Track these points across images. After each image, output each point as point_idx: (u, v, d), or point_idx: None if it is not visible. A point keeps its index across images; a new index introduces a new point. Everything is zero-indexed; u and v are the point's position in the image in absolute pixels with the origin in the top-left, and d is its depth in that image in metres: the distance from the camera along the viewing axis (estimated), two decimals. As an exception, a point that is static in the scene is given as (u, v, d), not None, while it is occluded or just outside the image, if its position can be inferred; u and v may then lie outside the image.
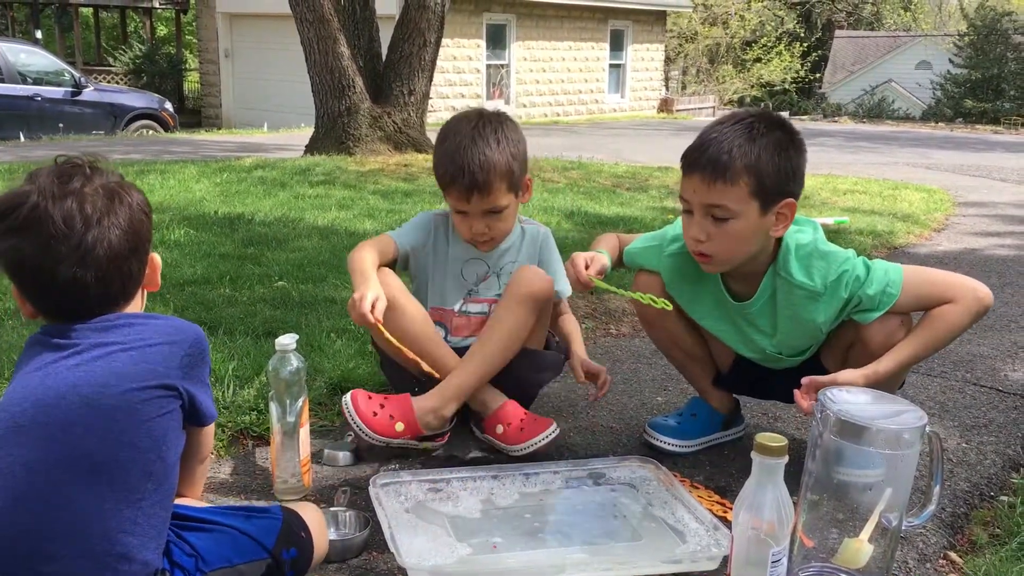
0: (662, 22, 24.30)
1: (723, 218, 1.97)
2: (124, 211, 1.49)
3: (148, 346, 1.47)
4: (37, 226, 1.42)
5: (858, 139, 16.25)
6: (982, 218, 6.97)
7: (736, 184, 1.94)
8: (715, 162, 1.94)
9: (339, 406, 2.37)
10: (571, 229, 5.64)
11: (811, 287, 2.04)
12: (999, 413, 2.76)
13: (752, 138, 1.95)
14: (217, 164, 8.35)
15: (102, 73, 22.49)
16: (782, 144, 1.98)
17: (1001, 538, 2.00)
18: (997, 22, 25.88)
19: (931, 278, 2.04)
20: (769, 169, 1.95)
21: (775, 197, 1.98)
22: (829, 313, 2.06)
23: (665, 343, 2.41)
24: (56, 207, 1.43)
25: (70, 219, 1.43)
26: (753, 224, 1.98)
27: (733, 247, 2.01)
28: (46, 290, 1.47)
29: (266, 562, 1.57)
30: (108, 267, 1.47)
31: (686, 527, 1.92)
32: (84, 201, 1.45)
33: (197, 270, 4.03)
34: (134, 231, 1.51)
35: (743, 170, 1.94)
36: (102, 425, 1.38)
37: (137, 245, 1.52)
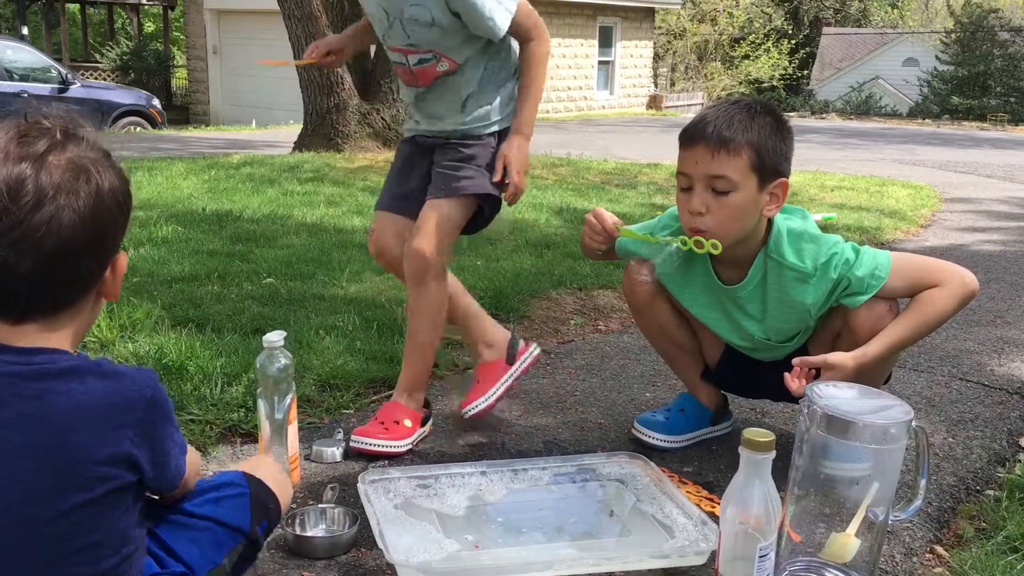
0: (651, 19, 24.31)
1: (723, 191, 2.02)
2: (89, 193, 1.19)
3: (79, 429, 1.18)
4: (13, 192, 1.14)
5: (846, 136, 16.29)
6: (968, 214, 7.01)
7: (738, 156, 2.00)
8: (719, 134, 2.01)
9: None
10: (560, 226, 5.64)
11: (802, 268, 2.08)
12: (985, 408, 2.77)
13: (751, 116, 2.04)
14: (205, 161, 8.32)
15: (89, 70, 22.37)
16: (776, 126, 2.06)
17: (987, 532, 2.02)
18: (983, 19, 25.96)
19: (919, 263, 2.08)
20: (768, 145, 2.03)
21: (772, 174, 2.04)
22: (818, 295, 2.08)
23: (655, 333, 2.41)
24: (5, 168, 1.15)
25: (17, 188, 1.14)
26: (751, 199, 2.03)
27: (730, 221, 2.04)
28: None
29: (244, 544, 1.52)
30: (52, 258, 1.17)
31: (674, 522, 1.92)
32: (41, 170, 1.16)
33: (185, 267, 4.02)
34: (96, 221, 1.20)
35: (745, 143, 2.00)
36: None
37: (97, 239, 1.22)
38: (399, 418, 2.34)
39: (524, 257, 4.54)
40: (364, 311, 3.40)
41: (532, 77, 2.35)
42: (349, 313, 3.35)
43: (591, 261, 4.49)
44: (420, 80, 2.39)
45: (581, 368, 3.08)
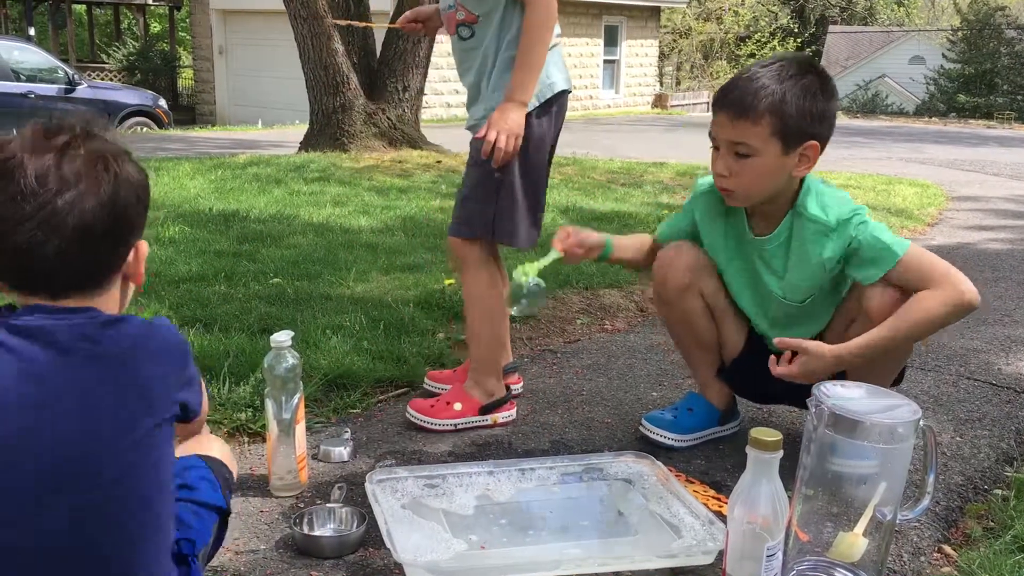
0: (656, 18, 24.29)
1: (745, 155, 2.06)
2: (109, 182, 1.28)
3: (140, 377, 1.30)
4: (7, 178, 1.24)
5: (852, 134, 16.25)
6: (975, 212, 6.99)
7: (759, 123, 2.03)
8: (739, 101, 2.04)
9: (336, 406, 2.38)
10: (566, 224, 5.64)
11: (824, 221, 2.10)
12: (993, 407, 2.77)
13: (780, 80, 2.04)
14: (212, 161, 8.34)
15: (96, 70, 22.43)
16: (810, 88, 2.05)
17: (995, 531, 2.01)
18: (990, 17, 25.89)
19: (929, 258, 2.05)
20: (792, 111, 2.02)
21: (798, 138, 2.05)
22: (836, 250, 2.09)
23: (679, 325, 2.39)
24: (31, 160, 1.25)
25: (43, 176, 1.24)
26: (774, 162, 2.06)
27: (754, 183, 2.09)
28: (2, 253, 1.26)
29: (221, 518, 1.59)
30: (75, 240, 1.26)
31: (682, 522, 1.92)
32: (64, 160, 1.26)
33: (192, 267, 4.03)
34: (118, 208, 1.29)
35: (766, 110, 2.02)
36: None
37: (117, 223, 1.30)
38: (451, 400, 2.50)
39: (529, 255, 4.53)
40: (371, 311, 3.41)
41: (524, 44, 2.36)
42: (356, 313, 3.35)
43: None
44: (449, 27, 2.51)
45: (588, 367, 3.08)
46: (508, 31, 2.41)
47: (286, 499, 2.06)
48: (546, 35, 2.38)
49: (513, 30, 2.40)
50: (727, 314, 2.33)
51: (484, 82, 2.47)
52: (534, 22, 2.35)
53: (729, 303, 2.32)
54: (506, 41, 2.41)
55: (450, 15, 2.48)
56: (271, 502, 2.04)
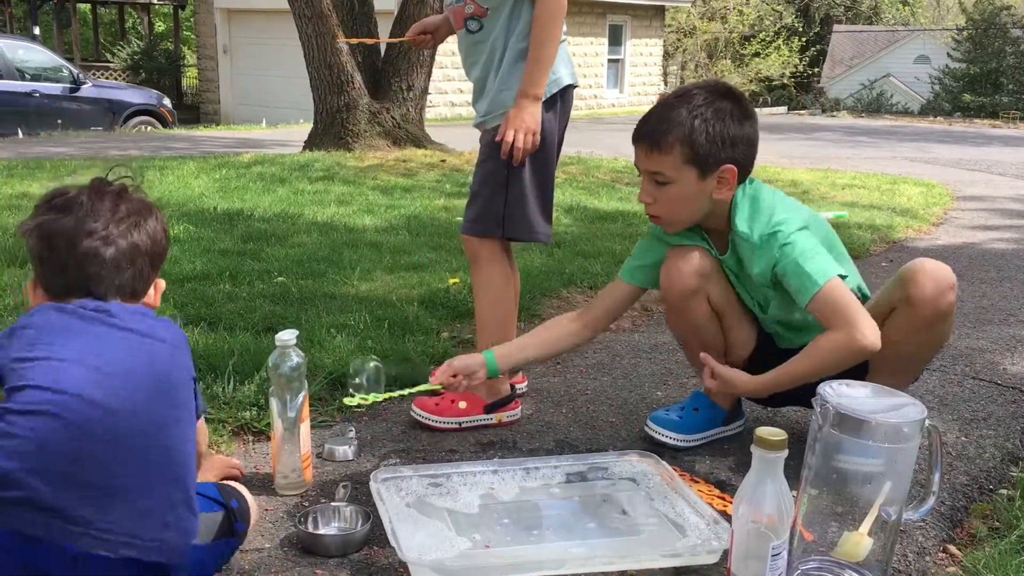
0: (660, 17, 24.26)
1: (663, 183, 2.14)
2: (151, 223, 1.72)
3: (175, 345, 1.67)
4: (75, 208, 1.64)
5: (857, 134, 16.23)
6: (981, 212, 6.98)
7: (670, 153, 2.11)
8: (651, 134, 2.13)
9: (340, 402, 2.38)
10: (570, 224, 5.64)
11: (747, 237, 2.14)
12: (998, 407, 2.76)
13: (690, 109, 2.10)
14: (216, 160, 8.35)
15: (100, 69, 22.46)
16: (721, 114, 2.10)
17: (1000, 531, 2.01)
18: (995, 16, 25.82)
19: (841, 298, 2.03)
20: (701, 139, 2.08)
21: (712, 163, 2.10)
22: (764, 266, 2.13)
23: (687, 331, 2.39)
24: (95, 199, 1.67)
25: (104, 210, 1.65)
26: (692, 188, 2.13)
27: (675, 209, 2.18)
28: (66, 260, 1.63)
29: (221, 513, 1.72)
30: (125, 254, 1.65)
31: (686, 521, 1.92)
32: (119, 202, 1.69)
33: (197, 266, 4.03)
34: (154, 241, 1.71)
35: (676, 140, 2.09)
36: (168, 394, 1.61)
37: (153, 252, 1.72)
38: (456, 398, 2.48)
39: (534, 255, 4.54)
40: (375, 310, 3.41)
41: (535, 39, 2.39)
42: (360, 312, 3.35)
43: (602, 259, 4.49)
44: (456, 21, 2.51)
45: (592, 367, 3.08)
46: (517, 24, 2.42)
47: (291, 498, 2.06)
48: (557, 29, 2.39)
49: (522, 23, 2.42)
50: (736, 315, 2.33)
51: (491, 76, 2.48)
52: (545, 16, 2.37)
53: (738, 303, 2.32)
54: (515, 34, 2.43)
55: (458, 9, 2.49)
56: (276, 500, 2.04)
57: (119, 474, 1.48)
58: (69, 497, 1.43)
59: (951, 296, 2.10)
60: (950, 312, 2.12)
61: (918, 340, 2.14)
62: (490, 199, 2.47)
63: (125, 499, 1.47)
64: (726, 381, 2.19)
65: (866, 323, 2.00)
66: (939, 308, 2.08)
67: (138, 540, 1.47)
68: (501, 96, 2.45)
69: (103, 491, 1.46)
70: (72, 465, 1.44)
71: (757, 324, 2.35)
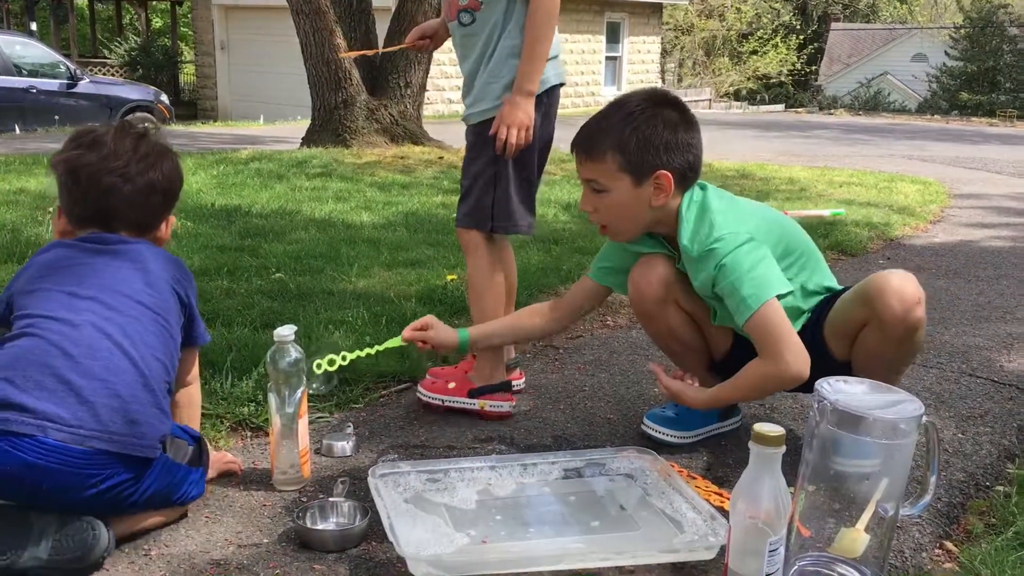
0: (658, 14, 24.26)
1: (599, 191, 2.16)
2: (168, 163, 1.93)
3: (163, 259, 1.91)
4: (100, 146, 1.85)
5: (854, 132, 16.25)
6: (977, 210, 6.99)
7: (603, 160, 2.12)
8: (584, 142, 2.16)
9: (337, 397, 2.39)
10: (568, 221, 5.64)
11: (687, 248, 2.14)
12: (995, 404, 2.77)
13: (624, 116, 2.11)
14: (213, 156, 8.34)
15: (97, 65, 22.41)
16: (655, 120, 2.10)
17: (997, 528, 2.01)
18: (993, 14, 25.87)
19: (772, 325, 2.03)
20: (632, 146, 2.09)
21: (645, 169, 2.11)
22: (703, 281, 2.14)
23: (664, 337, 2.41)
24: (118, 139, 1.87)
25: (125, 150, 1.86)
26: (628, 196, 2.13)
27: (615, 217, 2.20)
28: (87, 192, 1.85)
29: (193, 447, 1.92)
30: (141, 190, 1.87)
31: (683, 517, 1.93)
32: (140, 143, 1.89)
33: (195, 262, 4.03)
34: (169, 180, 1.92)
35: (608, 148, 2.11)
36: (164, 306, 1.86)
37: (168, 190, 1.93)
38: (449, 379, 2.60)
39: (532, 252, 4.54)
40: (373, 306, 3.41)
41: (529, 35, 2.41)
42: (358, 308, 3.36)
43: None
44: (450, 12, 2.54)
45: (590, 363, 3.09)
46: (510, 19, 2.44)
47: (289, 493, 2.06)
48: (551, 26, 2.41)
49: (514, 20, 2.43)
50: (707, 316, 2.34)
51: (480, 70, 2.50)
52: (540, 14, 2.39)
53: (706, 305, 2.32)
54: (507, 30, 2.45)
55: (452, 1, 2.52)
56: (274, 496, 2.04)
57: (87, 376, 1.66)
58: (40, 397, 1.62)
59: (919, 311, 2.06)
60: (920, 326, 2.09)
61: (893, 353, 2.13)
62: (481, 194, 2.52)
63: (94, 399, 1.65)
64: (673, 393, 2.23)
65: (791, 353, 2.01)
66: (909, 325, 2.05)
67: (104, 434, 1.64)
68: (486, 90, 2.49)
69: (72, 392, 1.64)
70: (41, 372, 1.64)
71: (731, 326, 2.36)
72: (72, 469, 1.62)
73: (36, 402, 1.62)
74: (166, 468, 1.79)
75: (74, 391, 1.65)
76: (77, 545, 1.65)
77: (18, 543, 1.62)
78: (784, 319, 2.04)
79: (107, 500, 1.69)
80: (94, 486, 1.65)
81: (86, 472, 1.64)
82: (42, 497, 1.64)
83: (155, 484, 1.76)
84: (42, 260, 1.85)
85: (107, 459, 1.65)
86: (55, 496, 1.64)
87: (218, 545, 1.82)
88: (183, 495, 1.86)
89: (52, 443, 1.60)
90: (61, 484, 1.62)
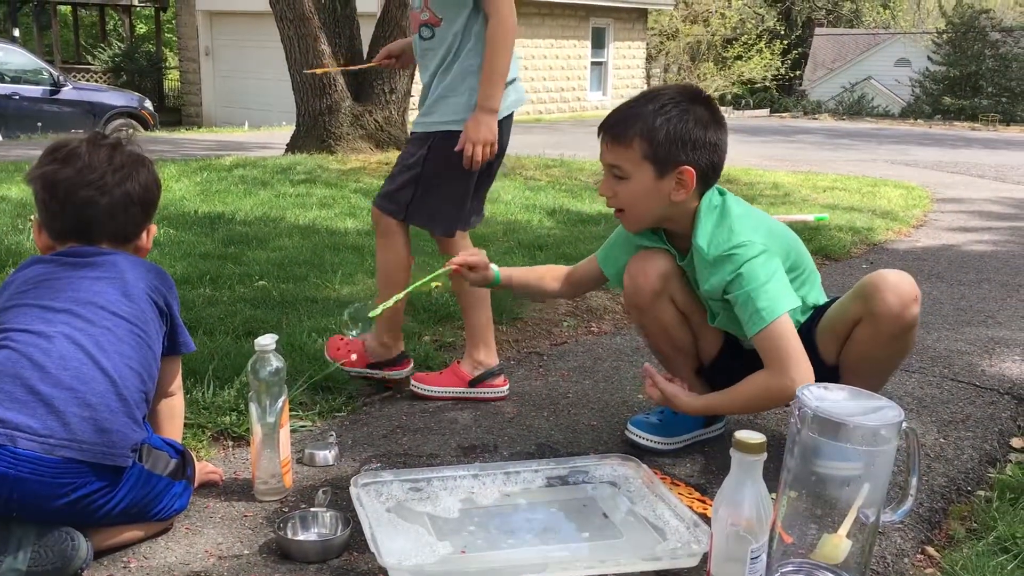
0: (643, 20, 24.34)
1: (621, 177, 2.16)
2: (144, 173, 1.93)
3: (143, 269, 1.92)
4: (75, 159, 1.86)
5: (838, 136, 16.33)
6: (960, 214, 7.03)
7: (630, 147, 2.12)
8: (614, 127, 2.16)
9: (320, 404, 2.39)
10: (553, 227, 5.65)
11: (703, 251, 2.14)
12: (976, 408, 2.78)
13: (656, 108, 2.11)
14: (197, 163, 8.31)
15: (81, 71, 22.31)
16: (687, 116, 2.10)
17: (978, 532, 2.02)
18: (975, 20, 26.04)
19: (783, 339, 2.03)
20: (661, 137, 2.09)
21: (669, 163, 2.11)
22: (714, 285, 2.14)
23: (654, 335, 2.40)
24: (92, 151, 1.88)
25: (100, 162, 1.87)
26: (648, 185, 2.13)
27: (632, 204, 2.19)
28: (64, 207, 1.87)
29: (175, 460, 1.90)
30: (119, 201, 1.88)
31: (666, 524, 1.93)
32: (115, 153, 1.90)
33: (177, 269, 4.01)
34: (146, 189, 1.93)
35: (636, 135, 2.11)
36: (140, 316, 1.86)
37: (145, 200, 1.94)
38: (354, 349, 2.77)
39: (517, 258, 4.54)
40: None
41: (488, 55, 2.52)
42: (342, 315, 3.34)
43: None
44: (413, 26, 2.64)
45: (574, 370, 3.08)
46: (468, 41, 2.56)
47: (270, 503, 2.05)
48: (508, 47, 2.52)
49: (471, 41, 2.55)
50: (700, 317, 2.34)
51: (435, 83, 2.61)
52: (498, 34, 2.51)
53: (702, 307, 2.33)
54: (466, 48, 2.56)
55: (415, 14, 2.62)
56: (255, 506, 2.03)
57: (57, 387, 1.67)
58: (10, 408, 1.63)
59: (915, 309, 2.08)
60: (915, 325, 2.11)
61: (884, 352, 2.15)
62: (400, 189, 2.65)
63: (64, 409, 1.66)
64: (667, 396, 2.20)
65: (800, 370, 2.01)
66: (904, 322, 2.08)
67: (74, 443, 1.65)
68: (439, 104, 2.59)
69: (42, 403, 1.65)
70: (11, 383, 1.66)
71: (722, 330, 2.36)
72: (43, 478, 1.61)
73: (6, 413, 1.63)
74: (142, 479, 1.78)
75: (44, 401, 1.66)
76: (56, 556, 1.64)
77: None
78: (795, 334, 2.05)
79: (80, 510, 1.68)
80: (66, 495, 1.65)
81: (58, 481, 1.63)
82: (13, 507, 1.63)
83: (130, 495, 1.75)
84: (21, 277, 1.87)
85: (78, 467, 1.65)
86: (26, 505, 1.63)
87: (199, 557, 1.81)
88: (164, 508, 1.85)
89: (23, 453, 1.60)
90: (32, 493, 1.62)
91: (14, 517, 1.65)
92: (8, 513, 1.64)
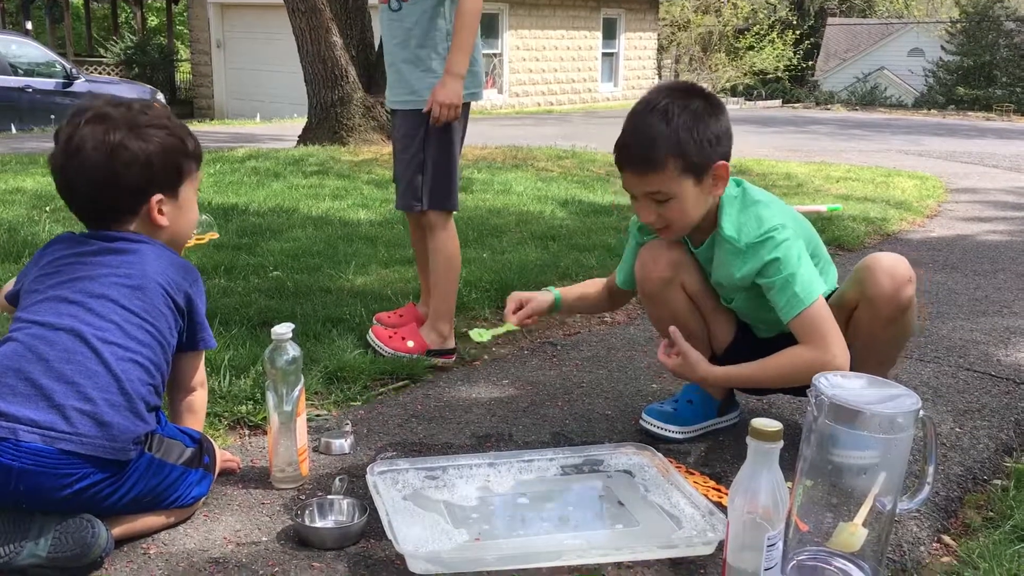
0: (655, 10, 24.26)
1: (664, 200, 2.11)
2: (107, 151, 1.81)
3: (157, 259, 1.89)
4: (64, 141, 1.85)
5: (851, 127, 16.25)
6: (974, 204, 7.00)
7: (664, 170, 2.06)
8: (640, 157, 2.09)
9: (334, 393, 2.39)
10: (566, 218, 5.64)
11: (733, 240, 2.13)
12: (992, 398, 2.77)
13: (668, 121, 2.06)
14: (210, 155, 8.33)
15: (93, 64, 22.40)
16: (698, 114, 2.08)
17: (995, 521, 2.02)
18: (989, 9, 25.85)
19: (822, 318, 2.04)
20: (690, 146, 2.05)
21: (705, 166, 2.09)
22: (747, 272, 2.13)
23: (666, 320, 2.39)
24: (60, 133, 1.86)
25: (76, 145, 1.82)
26: (692, 195, 2.11)
27: (683, 218, 2.15)
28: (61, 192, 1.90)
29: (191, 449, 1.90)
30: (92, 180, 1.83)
31: (682, 512, 1.93)
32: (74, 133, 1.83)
33: (191, 261, 4.00)
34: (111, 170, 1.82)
35: (667, 156, 2.05)
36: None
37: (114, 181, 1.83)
38: (407, 336, 2.93)
39: (530, 249, 4.55)
40: (370, 303, 3.41)
41: (457, 26, 2.71)
42: (355, 305, 3.36)
43: (597, 253, 4.50)
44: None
45: (588, 360, 3.09)
46: (437, 16, 2.74)
47: (287, 491, 2.06)
48: (476, 21, 2.72)
49: (438, 28, 2.75)
50: (713, 305, 2.34)
51: (400, 55, 2.80)
52: (468, 9, 2.71)
53: (714, 294, 2.33)
54: (436, 26, 2.75)
55: None
56: (272, 494, 2.04)
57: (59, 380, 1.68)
58: (12, 402, 1.65)
59: (910, 290, 2.08)
60: (910, 306, 2.11)
61: (884, 336, 2.15)
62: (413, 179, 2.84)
63: (64, 403, 1.67)
64: (688, 361, 2.16)
65: (840, 346, 2.02)
66: (899, 304, 2.08)
67: (74, 436, 1.65)
68: (409, 77, 2.80)
69: (43, 396, 1.66)
70: (15, 377, 1.68)
71: (735, 317, 2.36)
72: (46, 470, 1.62)
73: (8, 406, 1.64)
74: (152, 468, 1.78)
75: (45, 395, 1.67)
76: (76, 543, 1.65)
77: (17, 540, 1.63)
78: (830, 315, 2.06)
79: (84, 500, 1.68)
80: (68, 486, 1.65)
81: (60, 472, 1.64)
82: (21, 497, 1.64)
83: (139, 484, 1.76)
84: (50, 255, 1.88)
85: (79, 460, 1.66)
86: (30, 497, 1.64)
87: (217, 543, 1.82)
88: (180, 496, 1.85)
89: (25, 445, 1.61)
90: (37, 484, 1.63)
91: (24, 507, 1.66)
92: (17, 503, 1.65)
